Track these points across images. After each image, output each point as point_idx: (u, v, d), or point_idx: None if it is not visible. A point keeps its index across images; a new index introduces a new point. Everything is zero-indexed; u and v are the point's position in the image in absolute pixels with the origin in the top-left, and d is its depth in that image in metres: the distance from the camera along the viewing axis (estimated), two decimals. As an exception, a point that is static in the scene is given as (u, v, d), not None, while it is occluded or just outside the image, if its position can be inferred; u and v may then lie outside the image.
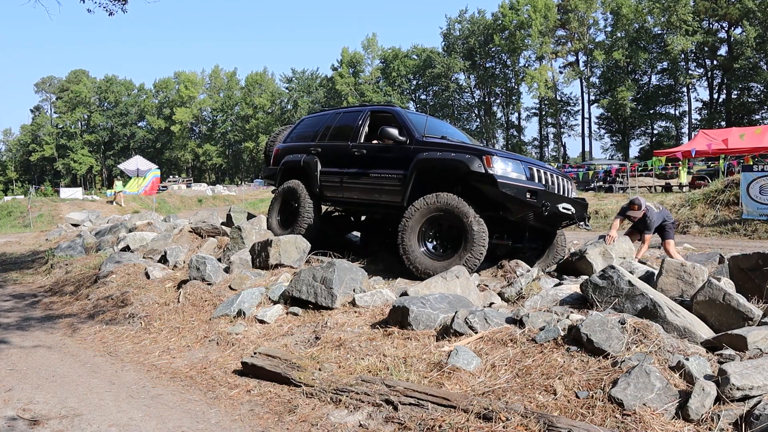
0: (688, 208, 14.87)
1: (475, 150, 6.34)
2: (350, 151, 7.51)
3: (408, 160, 6.71)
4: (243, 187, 62.47)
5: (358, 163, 7.36)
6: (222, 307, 6.07)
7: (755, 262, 4.64)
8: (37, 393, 4.33)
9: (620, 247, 6.58)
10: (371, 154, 7.32)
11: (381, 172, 7.06)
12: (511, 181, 6.03)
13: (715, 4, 48.96)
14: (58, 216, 29.25)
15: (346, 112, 8.33)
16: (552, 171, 6.74)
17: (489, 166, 6.04)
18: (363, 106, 8.15)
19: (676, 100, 59.27)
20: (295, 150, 8.47)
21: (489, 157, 6.09)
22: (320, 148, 8.01)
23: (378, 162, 7.15)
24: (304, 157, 8.13)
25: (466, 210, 6.07)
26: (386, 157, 7.06)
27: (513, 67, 64.99)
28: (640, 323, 3.71)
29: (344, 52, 71.01)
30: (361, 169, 7.31)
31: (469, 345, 4.09)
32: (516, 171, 6.16)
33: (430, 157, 6.53)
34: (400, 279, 6.46)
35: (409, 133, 6.90)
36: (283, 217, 8.34)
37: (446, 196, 6.22)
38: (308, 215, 7.83)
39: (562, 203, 6.44)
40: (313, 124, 8.63)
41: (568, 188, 6.95)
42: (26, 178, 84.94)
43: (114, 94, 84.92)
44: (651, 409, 3.01)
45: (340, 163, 7.64)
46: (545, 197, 6.11)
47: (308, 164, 7.99)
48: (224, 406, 3.99)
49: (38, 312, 7.59)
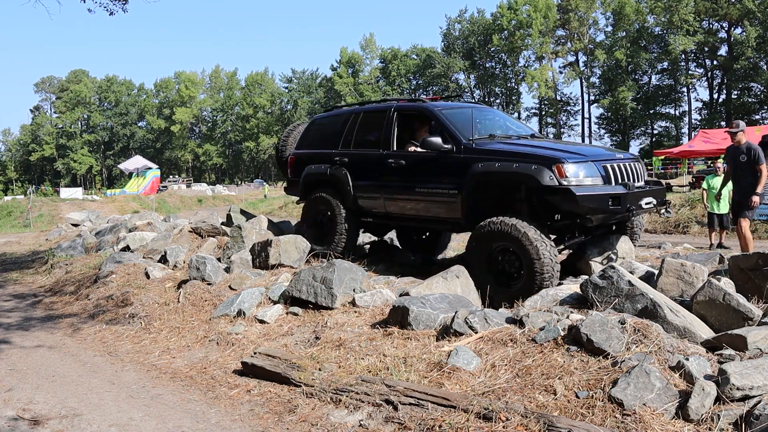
0: (688, 208, 14.88)
1: (541, 157, 5.47)
2: (385, 162, 6.70)
3: (459, 171, 5.90)
4: (243, 187, 62.57)
5: (398, 174, 6.58)
6: (222, 307, 6.07)
7: (755, 262, 4.64)
8: (37, 393, 4.33)
9: (620, 247, 6.57)
10: (412, 165, 6.50)
11: (428, 187, 6.28)
12: (590, 191, 5.29)
13: (715, 5, 48.96)
14: (58, 216, 29.28)
15: (368, 112, 7.41)
16: (622, 159, 5.92)
17: (562, 177, 5.24)
18: (387, 103, 7.33)
19: (676, 100, 59.31)
20: (315, 158, 7.59)
21: (560, 167, 5.27)
22: (347, 158, 7.16)
23: (422, 175, 6.36)
24: (330, 168, 7.28)
25: (537, 243, 5.25)
26: (432, 168, 6.25)
27: (513, 67, 65.03)
28: (640, 323, 3.71)
29: (343, 52, 71.05)
30: (402, 182, 6.54)
31: (469, 345, 4.09)
32: (592, 175, 5.40)
33: (487, 170, 5.67)
34: (400, 279, 6.46)
35: (453, 138, 6.05)
36: (316, 231, 7.54)
37: (506, 225, 5.39)
38: (344, 229, 7.11)
39: (644, 199, 5.69)
40: (330, 127, 7.76)
41: (640, 172, 6.03)
42: (26, 178, 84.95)
43: (114, 93, 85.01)
44: (651, 409, 3.01)
45: (375, 175, 6.84)
46: (628, 200, 5.40)
47: (337, 177, 7.17)
48: (224, 406, 4.00)
49: (39, 312, 7.59)
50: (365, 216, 7.23)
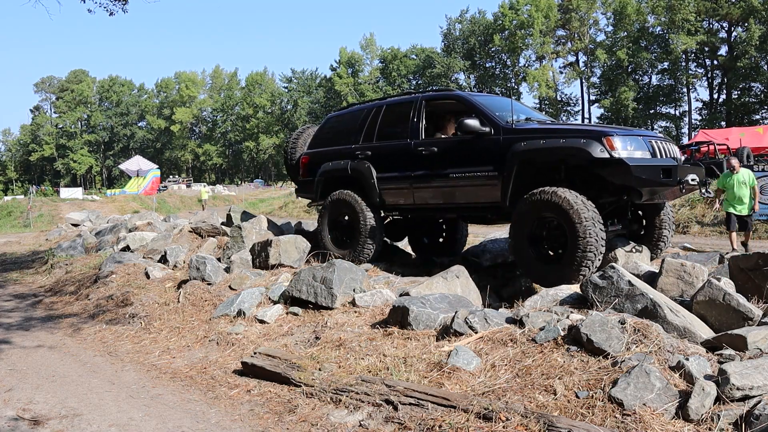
0: (688, 208, 14.88)
1: (589, 132, 5.48)
2: (415, 151, 6.57)
3: (499, 154, 5.82)
4: (243, 187, 62.51)
5: (430, 163, 6.47)
6: (222, 307, 6.08)
7: (755, 262, 4.64)
8: (37, 393, 4.33)
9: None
10: (445, 151, 6.38)
11: (464, 171, 6.15)
12: (642, 163, 5.26)
13: (716, 4, 48.95)
14: (58, 216, 29.29)
15: (391, 105, 7.26)
16: (662, 139, 5.90)
17: (613, 149, 5.20)
18: (412, 95, 7.21)
19: (676, 100, 59.30)
20: (332, 155, 7.42)
21: (611, 139, 5.24)
22: (370, 151, 7.01)
23: (457, 160, 6.25)
24: (351, 163, 7.10)
25: (578, 207, 5.14)
26: (468, 152, 6.16)
27: (513, 67, 65.02)
28: (640, 323, 3.71)
29: (342, 52, 71.02)
30: (435, 170, 6.43)
31: (469, 345, 4.09)
32: (641, 149, 5.39)
33: (532, 147, 5.59)
34: (400, 279, 6.46)
35: (491, 122, 5.99)
36: (336, 234, 7.33)
37: (556, 193, 5.29)
38: (370, 229, 6.86)
39: (690, 175, 5.65)
40: (347, 124, 7.61)
41: (677, 152, 5.99)
42: (26, 178, 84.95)
43: (115, 94, 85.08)
44: (651, 409, 3.01)
45: (403, 165, 6.71)
46: (679, 173, 5.41)
47: (359, 171, 7.00)
48: (224, 406, 4.00)
49: (39, 312, 7.59)
50: (390, 211, 7.11)
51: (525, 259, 5.62)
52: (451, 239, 8.44)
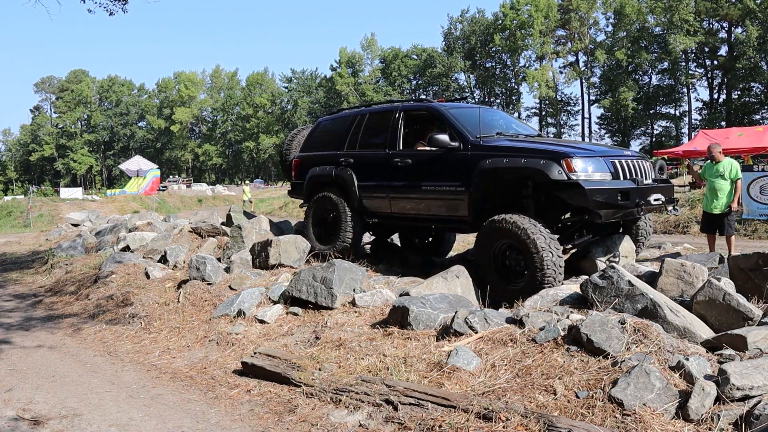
0: (688, 208, 14.88)
1: (550, 152, 5.44)
2: (391, 161, 6.69)
3: (466, 169, 5.87)
4: (243, 187, 62.46)
5: (404, 174, 6.57)
6: (222, 307, 6.08)
7: (755, 262, 4.64)
8: (37, 393, 4.34)
9: (622, 247, 6.57)
10: (419, 163, 6.49)
11: (435, 185, 6.23)
12: (599, 185, 5.24)
13: (716, 5, 48.97)
14: (58, 216, 29.27)
15: (373, 114, 7.38)
16: (630, 156, 5.88)
17: (571, 171, 5.20)
18: (393, 104, 7.34)
19: (676, 100, 59.31)
20: (320, 160, 7.60)
21: (569, 161, 5.24)
22: (352, 158, 7.16)
23: (429, 173, 6.34)
24: (335, 169, 7.28)
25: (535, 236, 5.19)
26: (439, 166, 6.23)
27: (513, 67, 65.03)
28: (640, 323, 3.72)
29: (342, 52, 71.02)
30: (409, 181, 6.52)
31: (469, 345, 4.10)
32: (600, 170, 5.37)
33: (495, 167, 5.63)
34: (400, 279, 6.46)
35: (460, 136, 6.02)
36: (320, 230, 7.54)
37: (515, 222, 5.31)
38: (350, 228, 7.09)
39: (653, 195, 5.68)
40: (335, 129, 7.75)
41: (648, 170, 5.96)
42: (26, 178, 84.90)
43: (115, 94, 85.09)
44: (651, 409, 3.01)
45: (381, 174, 6.83)
46: (637, 195, 5.39)
47: (342, 178, 7.17)
48: (224, 406, 4.00)
49: (40, 312, 7.59)
50: (370, 216, 7.19)
51: (489, 278, 5.65)
52: (438, 241, 8.64)
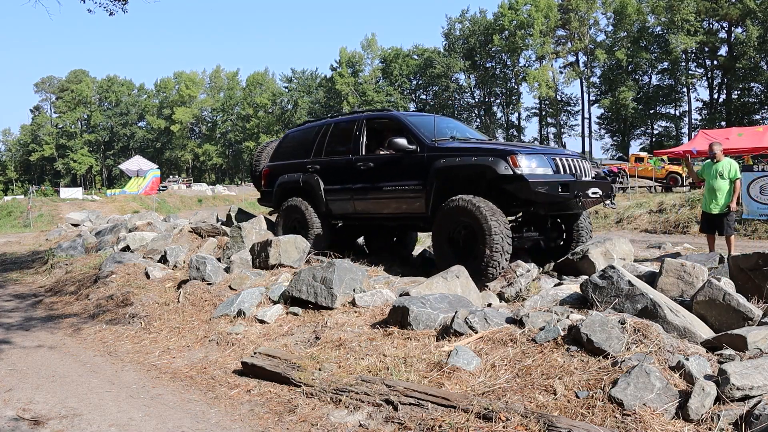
0: (688, 208, 14.89)
1: (497, 150, 6.12)
2: (355, 166, 7.24)
3: (423, 169, 6.48)
4: (243, 187, 62.48)
5: (367, 176, 7.12)
6: (222, 307, 6.07)
7: (755, 262, 4.64)
8: (37, 393, 4.34)
9: (621, 247, 6.58)
10: (380, 166, 7.07)
11: (395, 185, 6.81)
12: (541, 179, 5.87)
13: (716, 4, 48.97)
14: (58, 216, 29.27)
15: (338, 123, 7.99)
16: (570, 155, 6.56)
17: (516, 167, 5.83)
18: (356, 114, 7.95)
19: (676, 100, 59.31)
20: (288, 169, 8.18)
21: (514, 157, 5.88)
22: (318, 165, 7.73)
23: (389, 174, 6.91)
24: (303, 175, 7.84)
25: (484, 212, 5.83)
26: (398, 168, 6.82)
27: (513, 67, 65.02)
28: (640, 323, 3.72)
29: (342, 52, 70.98)
30: (371, 183, 7.07)
31: (469, 345, 4.10)
32: (542, 166, 6.01)
33: (449, 165, 6.29)
34: (400, 279, 6.46)
35: (417, 140, 6.65)
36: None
37: (471, 200, 5.97)
38: (317, 229, 7.61)
39: (591, 189, 6.35)
40: (302, 139, 8.34)
41: (587, 168, 6.70)
42: (26, 178, 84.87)
43: (115, 93, 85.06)
44: (651, 409, 3.01)
45: (345, 178, 7.37)
46: (576, 188, 6.03)
47: (309, 183, 7.73)
48: (224, 406, 4.00)
49: (40, 312, 7.59)
50: (336, 219, 7.76)
51: (444, 256, 6.29)
52: (401, 241, 9.16)
